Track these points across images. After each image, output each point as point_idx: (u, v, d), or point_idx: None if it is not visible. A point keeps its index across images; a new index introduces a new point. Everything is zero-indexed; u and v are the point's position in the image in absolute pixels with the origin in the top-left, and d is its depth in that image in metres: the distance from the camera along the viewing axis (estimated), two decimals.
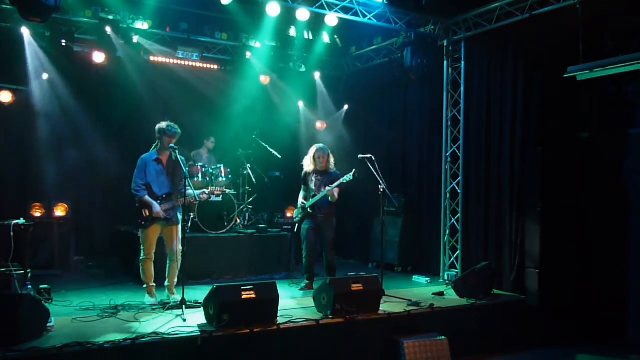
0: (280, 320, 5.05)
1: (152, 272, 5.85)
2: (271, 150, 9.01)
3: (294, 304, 5.98)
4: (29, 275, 5.90)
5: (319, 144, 6.96)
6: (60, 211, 7.92)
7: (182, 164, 5.72)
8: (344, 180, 6.49)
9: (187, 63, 9.02)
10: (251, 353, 4.75)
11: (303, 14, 7.34)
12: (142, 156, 5.85)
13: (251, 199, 8.65)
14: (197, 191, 5.81)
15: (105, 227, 8.83)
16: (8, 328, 4.15)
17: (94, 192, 8.86)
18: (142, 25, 8.23)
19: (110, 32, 7.91)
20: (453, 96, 8.03)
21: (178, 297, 5.61)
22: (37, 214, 7.73)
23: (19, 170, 8.33)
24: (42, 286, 5.78)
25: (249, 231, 7.96)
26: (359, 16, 7.52)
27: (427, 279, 7.71)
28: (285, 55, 9.33)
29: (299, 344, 4.98)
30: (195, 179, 7.78)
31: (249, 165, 8.70)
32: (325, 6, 7.32)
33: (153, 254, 5.82)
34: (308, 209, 6.79)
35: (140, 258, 5.80)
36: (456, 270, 7.71)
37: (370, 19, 7.61)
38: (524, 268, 6.57)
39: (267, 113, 10.09)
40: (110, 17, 7.83)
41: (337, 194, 6.63)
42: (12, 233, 5.75)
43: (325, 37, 9.16)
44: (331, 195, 6.58)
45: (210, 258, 7.42)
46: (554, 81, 6.33)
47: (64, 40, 7.97)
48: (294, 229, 7.22)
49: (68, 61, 8.27)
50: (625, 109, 6.37)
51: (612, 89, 6.38)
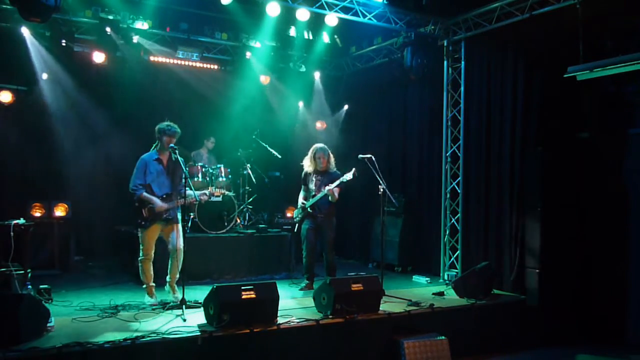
0: (280, 320, 5.05)
1: (152, 272, 5.85)
2: (271, 150, 9.00)
3: (294, 304, 5.98)
4: (29, 275, 5.90)
5: (319, 144, 6.95)
6: (60, 211, 7.94)
7: (182, 164, 5.72)
8: (344, 180, 6.49)
9: (187, 63, 9.02)
10: (251, 353, 4.75)
11: (303, 14, 7.34)
12: (142, 156, 5.84)
13: (251, 199, 8.65)
14: (197, 192, 5.81)
15: (105, 227, 8.82)
16: (8, 328, 4.15)
17: (94, 192, 8.85)
18: (142, 25, 8.22)
19: (110, 32, 7.91)
20: (453, 96, 8.04)
21: (179, 296, 5.62)
22: (37, 214, 7.73)
23: (19, 170, 8.33)
24: (42, 286, 5.78)
25: (249, 231, 7.96)
26: (359, 16, 7.52)
27: (427, 279, 7.71)
28: (285, 55, 9.33)
29: (299, 344, 4.98)
30: (195, 179, 7.77)
31: (249, 165, 8.69)
32: (325, 6, 7.32)
33: (152, 255, 5.82)
34: (308, 209, 6.80)
35: (140, 258, 5.80)
36: (456, 270, 7.71)
37: (370, 19, 7.61)
38: (524, 268, 6.58)
39: (267, 113, 10.10)
40: (110, 17, 7.82)
41: (337, 194, 6.62)
42: (12, 233, 5.75)
43: (325, 37, 9.15)
44: (331, 195, 6.58)
45: (210, 258, 7.42)
46: (554, 81, 6.33)
47: (64, 40, 7.97)
48: (294, 229, 7.22)
49: (68, 61, 8.28)
50: (625, 109, 6.37)
51: (612, 89, 6.38)
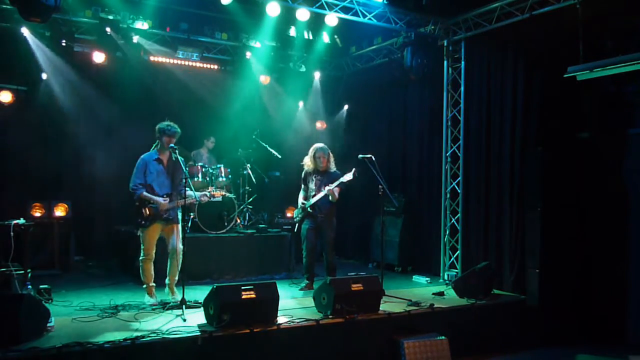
0: (280, 320, 5.05)
1: (152, 272, 5.85)
2: (271, 150, 9.00)
3: (294, 304, 5.97)
4: (29, 275, 5.90)
5: (319, 144, 6.95)
6: (60, 211, 7.94)
7: (182, 164, 5.71)
8: (344, 180, 6.50)
9: (187, 63, 9.02)
10: (251, 353, 4.75)
11: (303, 14, 7.34)
12: (142, 156, 5.85)
13: (251, 199, 8.65)
14: (197, 192, 5.81)
15: (105, 227, 8.83)
16: (8, 328, 4.15)
17: (94, 192, 8.83)
18: (142, 25, 8.22)
19: (110, 32, 7.91)
20: (453, 96, 8.03)
21: (178, 297, 5.62)
22: (37, 214, 7.74)
23: (19, 170, 8.32)
24: (42, 286, 5.78)
25: (249, 231, 7.97)
26: (359, 16, 7.52)
27: (427, 279, 7.71)
28: (285, 55, 9.33)
29: (299, 344, 4.97)
30: (195, 179, 7.77)
31: (249, 165, 8.69)
32: (325, 6, 7.32)
33: (153, 254, 5.82)
34: (308, 209, 6.80)
35: (140, 258, 5.80)
36: (456, 270, 7.71)
37: (370, 19, 7.61)
38: (524, 268, 6.57)
39: (267, 113, 10.10)
40: (110, 17, 7.82)
41: (337, 194, 6.63)
42: (12, 233, 5.75)
43: (325, 37, 9.14)
44: (331, 195, 6.58)
45: (210, 258, 7.42)
46: (554, 81, 6.33)
47: (64, 40, 7.98)
48: (294, 229, 7.22)
49: (68, 61, 8.27)
50: (625, 109, 6.37)
51: (612, 89, 6.37)
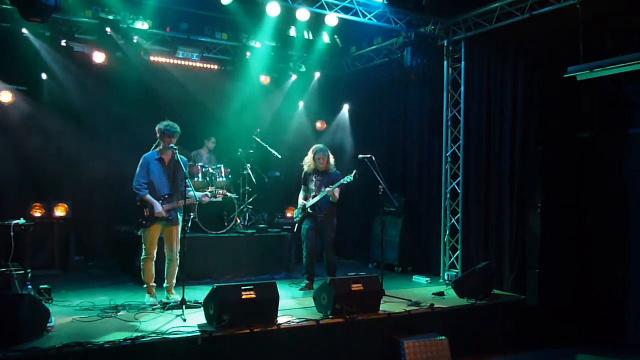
0: (280, 320, 5.04)
1: (153, 272, 5.85)
2: (271, 150, 8.99)
3: (294, 304, 5.97)
4: (29, 275, 5.90)
5: (319, 144, 6.97)
6: (60, 211, 7.94)
7: (182, 164, 5.71)
8: (344, 181, 6.50)
9: (187, 63, 9.01)
10: (251, 353, 4.75)
11: (303, 14, 7.34)
12: (144, 155, 5.87)
13: (251, 199, 8.65)
14: (199, 193, 5.82)
15: (105, 227, 8.83)
16: (8, 328, 4.15)
17: (94, 192, 8.84)
18: (142, 25, 8.21)
19: (110, 32, 7.91)
20: (453, 96, 8.03)
21: (178, 297, 5.61)
22: (37, 214, 7.74)
23: (19, 170, 8.32)
24: (42, 286, 5.77)
25: (249, 231, 7.97)
26: (359, 16, 7.52)
27: (427, 279, 7.71)
28: (285, 55, 9.33)
29: (299, 344, 4.97)
30: (195, 179, 7.77)
31: (249, 165, 8.69)
32: (325, 6, 7.32)
33: (154, 254, 5.82)
34: (308, 209, 6.80)
35: (141, 257, 5.81)
36: (456, 270, 7.71)
37: (370, 19, 7.61)
38: (524, 268, 6.57)
39: (267, 113, 10.09)
40: (110, 17, 7.82)
41: (337, 194, 6.64)
42: (12, 233, 5.75)
43: (325, 37, 9.13)
44: (332, 196, 6.59)
45: (210, 258, 7.42)
46: (554, 81, 6.33)
47: (64, 40, 7.97)
48: (294, 229, 7.22)
49: (68, 61, 8.27)
50: (625, 109, 6.37)
51: (612, 89, 6.37)
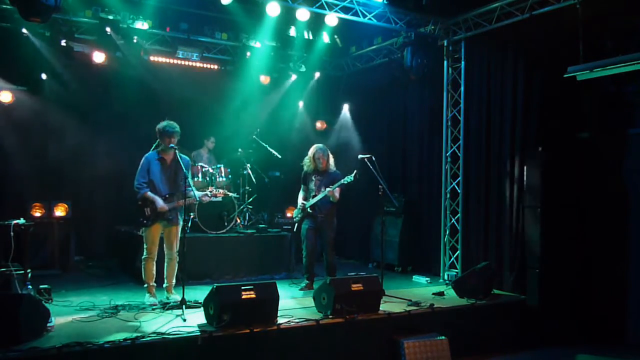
0: (280, 320, 5.05)
1: (154, 271, 5.86)
2: (271, 150, 9.00)
3: (294, 304, 5.97)
4: (29, 275, 5.89)
5: (319, 144, 6.96)
6: (60, 211, 7.94)
7: (182, 164, 5.71)
8: (344, 182, 6.50)
9: (187, 63, 9.01)
10: (251, 353, 4.75)
11: (303, 14, 7.34)
12: (146, 155, 5.89)
13: (251, 199, 8.65)
14: (199, 192, 5.82)
15: (105, 227, 8.83)
16: (8, 328, 4.15)
17: (94, 192, 8.84)
18: (142, 25, 8.21)
19: (110, 32, 7.91)
20: (453, 96, 8.03)
21: (178, 297, 5.61)
22: (37, 214, 7.74)
23: (19, 170, 8.32)
24: (42, 286, 5.78)
25: (249, 231, 7.97)
26: (359, 16, 7.52)
27: (427, 279, 7.71)
28: (285, 55, 9.33)
29: (299, 344, 4.97)
30: (195, 179, 7.76)
31: (249, 165, 8.69)
32: (325, 6, 7.32)
33: (155, 254, 5.83)
34: (308, 209, 6.80)
35: (143, 257, 5.82)
36: (456, 270, 7.71)
37: (370, 19, 7.61)
38: (524, 268, 6.57)
39: (267, 113, 10.09)
40: (110, 17, 7.81)
41: (338, 194, 6.64)
42: (12, 233, 5.74)
43: (325, 37, 9.13)
44: (332, 196, 6.59)
45: (210, 258, 7.42)
46: (554, 81, 6.33)
47: (64, 40, 7.97)
48: (294, 229, 7.22)
49: (68, 61, 8.27)
50: (625, 109, 6.37)
51: (612, 89, 6.37)
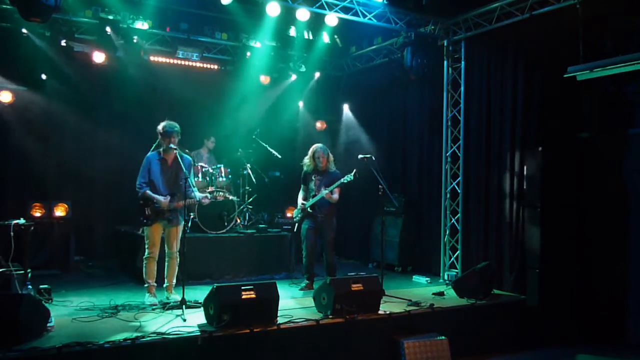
0: (280, 320, 5.05)
1: (155, 271, 5.86)
2: (271, 150, 9.00)
3: (294, 304, 5.97)
4: (29, 275, 5.90)
5: (319, 144, 6.97)
6: (60, 211, 7.94)
7: (183, 165, 5.71)
8: (344, 181, 6.50)
9: (187, 63, 9.00)
10: (251, 353, 4.75)
11: (303, 14, 7.34)
12: (147, 155, 5.91)
13: (251, 199, 8.65)
14: (200, 194, 5.83)
15: (105, 227, 8.83)
16: (8, 328, 4.15)
17: (94, 192, 8.84)
18: (142, 25, 8.20)
19: (110, 32, 7.92)
20: (453, 96, 8.03)
21: (178, 297, 5.62)
22: (37, 214, 7.74)
23: (19, 170, 8.33)
24: (42, 286, 5.78)
25: (249, 231, 7.97)
26: (359, 16, 7.52)
27: (427, 279, 7.71)
28: (285, 55, 9.32)
29: (299, 344, 4.97)
30: (196, 179, 7.75)
31: (249, 165, 8.69)
32: (325, 6, 7.32)
33: (157, 253, 5.83)
34: (308, 209, 6.80)
35: (144, 256, 5.83)
36: (456, 270, 7.71)
37: (370, 19, 7.61)
38: (524, 268, 6.57)
39: (267, 113, 10.09)
40: (110, 17, 7.81)
41: (337, 195, 6.64)
42: (12, 233, 5.74)
43: (325, 37, 9.13)
44: (329, 198, 6.61)
45: (210, 258, 7.42)
46: (554, 81, 6.33)
47: (64, 40, 7.97)
48: (294, 229, 7.23)
49: (68, 61, 8.27)
50: (625, 109, 6.37)
51: (612, 89, 6.37)
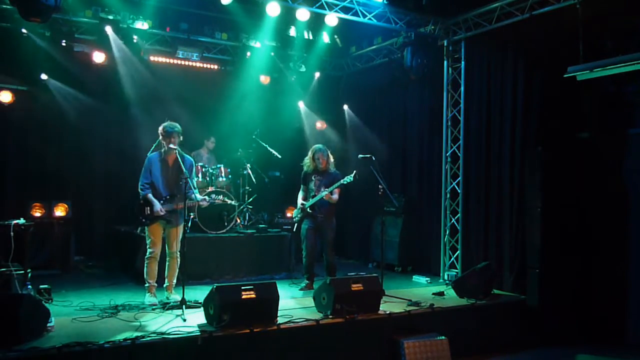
0: (280, 320, 5.05)
1: (155, 271, 5.87)
2: (271, 150, 9.00)
3: (294, 304, 5.97)
4: (29, 275, 5.89)
5: (319, 144, 6.98)
6: (60, 211, 7.94)
7: (183, 165, 5.71)
8: (344, 182, 6.51)
9: (187, 63, 9.01)
10: (251, 353, 4.75)
11: (303, 14, 7.34)
12: (149, 155, 5.91)
13: (251, 199, 8.65)
14: (199, 196, 5.84)
15: (105, 227, 8.83)
16: (8, 328, 4.15)
17: (94, 192, 8.84)
18: (142, 25, 8.22)
19: (110, 32, 7.92)
20: (453, 96, 8.03)
21: (178, 297, 5.62)
22: (37, 214, 7.74)
23: (19, 170, 8.33)
24: (42, 286, 5.78)
25: (249, 231, 7.97)
26: (359, 16, 7.52)
27: (427, 279, 7.71)
28: (285, 55, 9.33)
29: (299, 344, 4.98)
30: (196, 179, 7.76)
31: (249, 165, 8.69)
32: (325, 6, 7.32)
33: (158, 253, 5.84)
34: (308, 209, 6.80)
35: (146, 256, 5.83)
36: (456, 270, 7.71)
37: (370, 19, 7.61)
38: (524, 268, 6.57)
39: (267, 113, 10.07)
40: (110, 17, 7.83)
41: (337, 196, 6.64)
42: (12, 233, 5.74)
43: (325, 37, 9.14)
44: (329, 199, 6.62)
45: (210, 258, 7.42)
46: (554, 81, 6.33)
47: (64, 40, 7.98)
48: (294, 229, 7.23)
49: (68, 61, 8.27)
50: (625, 109, 6.37)
51: (612, 89, 6.37)
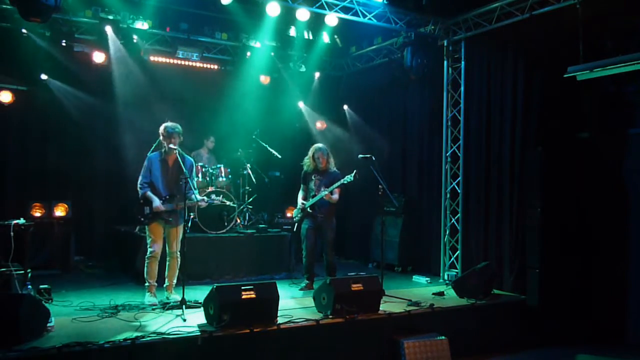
0: (280, 320, 5.05)
1: (156, 271, 5.86)
2: (271, 150, 9.00)
3: (294, 304, 5.97)
4: (29, 275, 5.89)
5: (319, 144, 6.98)
6: (60, 211, 7.94)
7: (183, 166, 5.71)
8: (344, 181, 6.50)
9: (187, 63, 9.01)
10: (251, 353, 4.75)
11: (303, 14, 7.34)
12: (149, 155, 5.92)
13: (251, 199, 8.65)
14: (198, 197, 5.86)
15: (105, 227, 8.82)
16: (8, 328, 4.15)
17: (94, 192, 8.84)
18: (142, 25, 8.22)
19: (110, 32, 7.92)
20: (453, 96, 8.03)
21: (178, 297, 5.62)
22: (37, 214, 7.73)
23: (19, 170, 8.33)
24: (42, 286, 5.78)
25: (249, 231, 7.97)
26: (359, 16, 7.52)
27: (427, 279, 7.71)
28: (285, 55, 9.34)
29: (299, 344, 4.98)
30: (196, 179, 7.76)
31: (249, 165, 8.69)
32: (325, 6, 7.32)
33: (159, 253, 5.83)
34: (308, 209, 6.80)
35: (147, 255, 5.83)
36: (456, 270, 7.71)
37: (370, 19, 7.61)
38: (524, 268, 6.56)
39: (267, 113, 10.07)
40: (110, 17, 7.83)
41: (337, 195, 6.64)
42: (12, 233, 5.74)
43: (325, 37, 9.14)
44: (329, 199, 6.62)
45: (210, 258, 7.42)
46: (554, 81, 6.33)
47: (64, 40, 7.98)
48: (294, 229, 7.22)
49: (68, 61, 8.27)
50: (625, 109, 6.37)
51: (612, 89, 6.37)
